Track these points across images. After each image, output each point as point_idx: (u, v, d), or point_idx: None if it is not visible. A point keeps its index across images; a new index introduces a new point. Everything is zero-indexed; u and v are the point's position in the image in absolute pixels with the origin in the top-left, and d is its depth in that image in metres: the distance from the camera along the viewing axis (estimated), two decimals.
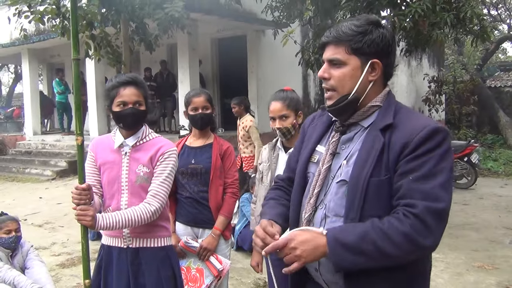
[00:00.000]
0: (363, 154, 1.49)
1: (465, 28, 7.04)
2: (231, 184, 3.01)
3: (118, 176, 2.38)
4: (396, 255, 1.37)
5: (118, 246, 2.43)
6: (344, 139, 1.59)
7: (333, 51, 1.54)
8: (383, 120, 1.51)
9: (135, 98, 2.33)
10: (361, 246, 1.37)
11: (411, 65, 13.19)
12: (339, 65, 1.53)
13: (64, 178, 10.98)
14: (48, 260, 4.70)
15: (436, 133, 1.42)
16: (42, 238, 6.13)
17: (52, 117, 16.20)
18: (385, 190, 1.45)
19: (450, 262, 4.90)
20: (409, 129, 1.45)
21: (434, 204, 1.36)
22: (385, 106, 1.54)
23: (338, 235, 1.41)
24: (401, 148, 1.44)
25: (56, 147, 12.65)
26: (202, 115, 2.94)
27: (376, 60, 1.52)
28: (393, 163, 1.44)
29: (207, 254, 2.94)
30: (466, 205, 7.67)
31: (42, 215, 7.52)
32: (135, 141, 2.40)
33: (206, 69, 12.77)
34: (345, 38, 1.51)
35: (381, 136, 1.48)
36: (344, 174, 1.52)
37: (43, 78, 17.94)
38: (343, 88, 1.53)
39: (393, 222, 1.37)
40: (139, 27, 7.79)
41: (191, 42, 10.68)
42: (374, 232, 1.37)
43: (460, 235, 5.91)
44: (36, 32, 12.70)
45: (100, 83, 11.89)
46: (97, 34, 7.60)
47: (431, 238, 1.37)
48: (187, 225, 3.03)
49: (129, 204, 2.36)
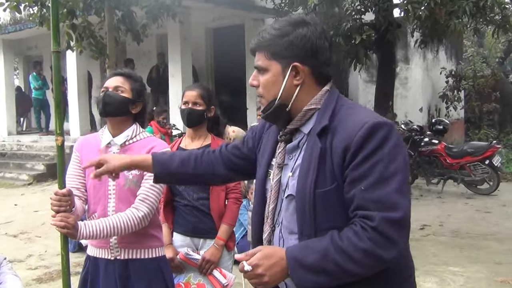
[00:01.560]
0: (305, 164, 1.52)
1: (486, 18, 7.06)
2: (233, 188, 2.99)
3: (105, 179, 2.37)
4: (358, 272, 1.42)
5: (105, 258, 2.42)
6: (289, 148, 1.62)
7: (257, 58, 1.61)
8: (320, 124, 1.53)
9: (116, 84, 2.39)
10: (322, 265, 1.41)
11: (427, 58, 13.17)
12: (263, 72, 1.60)
13: (42, 182, 10.96)
14: (23, 275, 4.68)
15: (376, 129, 1.43)
16: (17, 249, 6.10)
17: (29, 116, 16.20)
18: (335, 199, 1.48)
19: (471, 276, 4.89)
20: (348, 129, 1.46)
21: (391, 214, 1.38)
22: (323, 108, 1.56)
23: (298, 255, 1.45)
24: (343, 151, 1.45)
25: (33, 149, 12.64)
26: (189, 111, 2.92)
27: (297, 63, 1.55)
28: (338, 169, 1.46)
29: (210, 267, 2.92)
30: (488, 213, 7.67)
31: (17, 224, 7.49)
32: (124, 140, 2.40)
33: (199, 62, 12.77)
34: (264, 44, 1.58)
35: (318, 142, 1.50)
36: (291, 187, 1.56)
37: (19, 72, 17.92)
38: (268, 94, 1.60)
39: (352, 238, 1.40)
40: (125, 16, 7.80)
41: (183, 32, 10.69)
42: (334, 250, 1.41)
43: (481, 246, 5.90)
44: (12, 21, 12.70)
45: (82, 78, 11.89)
46: (79, 23, 7.60)
47: (393, 250, 1.40)
48: (186, 236, 3.01)
49: (117, 210, 2.36)
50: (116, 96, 2.37)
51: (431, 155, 9.50)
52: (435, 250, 5.71)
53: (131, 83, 2.42)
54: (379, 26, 7.51)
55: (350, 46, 7.44)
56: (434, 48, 13.19)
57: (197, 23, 11.45)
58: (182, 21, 9.61)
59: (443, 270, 5.05)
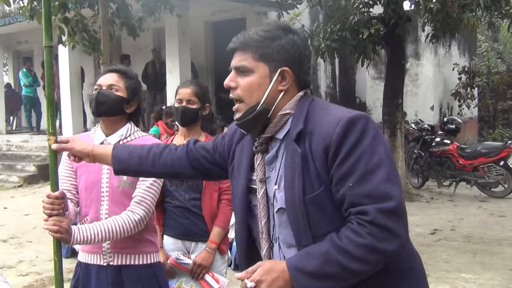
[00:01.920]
0: (288, 173, 1.54)
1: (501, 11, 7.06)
2: (226, 189, 2.99)
3: (98, 181, 2.39)
4: (364, 270, 1.43)
5: (97, 264, 2.42)
6: (268, 159, 1.63)
7: (239, 58, 1.62)
8: (295, 128, 1.55)
9: (110, 82, 2.39)
10: (325, 270, 1.42)
11: (438, 53, 13.16)
12: (246, 73, 1.60)
13: (33, 184, 10.98)
14: (13, 281, 4.70)
15: (352, 124, 1.47)
16: (7, 255, 6.11)
17: (19, 114, 16.23)
18: (325, 202, 1.50)
19: (484, 283, 4.89)
20: (324, 129, 1.50)
21: (384, 205, 1.41)
22: (297, 113, 1.59)
23: (299, 264, 1.46)
24: (324, 152, 1.48)
25: (23, 149, 12.67)
26: (183, 109, 2.94)
27: (286, 68, 1.58)
28: (322, 171, 1.49)
29: (202, 271, 2.93)
30: (502, 217, 7.66)
31: (7, 228, 7.51)
32: (118, 139, 2.41)
33: (199, 58, 12.78)
34: (252, 44, 1.59)
35: (297, 148, 1.53)
36: (279, 200, 1.58)
37: (8, 68, 17.96)
38: (250, 98, 1.59)
39: (350, 236, 1.42)
40: (120, 9, 7.81)
41: (181, 26, 10.70)
42: (335, 252, 1.43)
43: (495, 251, 5.90)
44: (1, 14, 12.73)
45: (75, 74, 11.90)
46: (72, 17, 7.60)
47: (395, 241, 1.42)
48: (177, 239, 3.03)
49: (110, 213, 2.36)
50: (110, 95, 2.37)
51: (443, 156, 9.49)
52: (447, 256, 5.72)
53: (126, 81, 2.42)
54: (388, 20, 7.50)
55: (358, 41, 7.44)
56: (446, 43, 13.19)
57: (196, 16, 11.46)
58: (180, 15, 9.63)
59: (455, 277, 5.05)
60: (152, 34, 13.06)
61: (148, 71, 12.05)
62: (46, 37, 2.13)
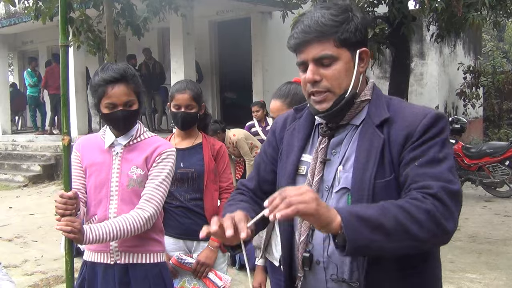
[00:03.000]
0: (362, 155, 1.53)
1: (506, 10, 7.04)
2: (226, 188, 3.04)
3: (107, 180, 2.40)
4: (419, 235, 1.38)
5: (104, 263, 2.43)
6: (334, 142, 1.62)
7: (319, 48, 1.54)
8: (378, 115, 1.57)
9: (125, 98, 2.33)
10: (381, 220, 1.36)
11: (443, 53, 13.13)
12: (331, 62, 1.55)
13: (38, 184, 11.02)
14: (19, 280, 4.72)
15: (439, 119, 1.53)
16: (12, 254, 6.14)
17: (24, 114, 16.29)
18: (393, 190, 1.51)
19: (489, 283, 4.88)
20: (409, 119, 1.53)
21: (449, 185, 1.44)
22: (374, 99, 1.62)
23: (353, 209, 1.40)
24: (404, 140, 1.51)
25: (28, 149, 12.72)
26: (184, 115, 2.96)
27: (364, 49, 1.60)
28: (396, 159, 1.52)
29: (206, 270, 2.95)
30: (508, 217, 7.64)
31: (12, 228, 7.54)
32: (127, 140, 2.41)
33: (203, 57, 12.79)
34: (330, 30, 1.54)
35: (379, 133, 1.55)
36: (343, 181, 1.56)
37: (14, 68, 18.03)
38: (340, 86, 1.56)
39: (413, 201, 1.41)
40: (125, 9, 7.82)
41: (186, 26, 10.71)
42: (394, 208, 1.39)
43: (501, 251, 5.89)
44: (5, 15, 12.78)
45: (79, 74, 11.96)
46: (77, 17, 7.63)
47: (451, 220, 1.43)
48: (179, 239, 3.04)
49: (119, 212, 2.37)
50: (129, 115, 2.36)
51: None
52: (452, 256, 5.70)
53: (134, 87, 2.36)
54: (393, 19, 7.49)
55: None
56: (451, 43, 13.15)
57: (200, 16, 11.47)
58: (185, 15, 9.63)
59: (460, 277, 5.04)
60: (156, 34, 13.08)
61: (142, 71, 11.95)
62: (62, 36, 2.13)
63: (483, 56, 14.80)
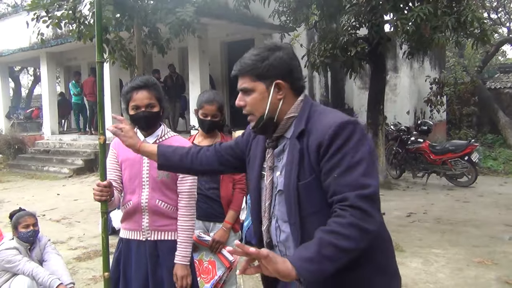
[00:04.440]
0: (288, 163, 1.60)
1: (466, 32, 6.99)
2: (239, 180, 3.06)
3: (139, 172, 2.41)
4: (351, 247, 1.41)
5: (136, 239, 2.44)
6: (276, 152, 1.67)
7: (241, 82, 1.64)
8: (298, 128, 1.60)
9: (147, 101, 2.34)
10: (322, 252, 1.39)
11: (413, 67, 13.08)
12: (249, 92, 1.63)
13: (81, 175, 11.06)
14: (65, 254, 4.73)
15: (343, 127, 1.50)
16: (59, 232, 6.17)
17: (69, 118, 16.32)
18: (314, 188, 1.54)
19: (451, 257, 4.87)
20: (320, 130, 1.53)
21: (362, 191, 1.43)
22: (300, 115, 1.62)
23: (302, 254, 1.41)
24: (317, 148, 1.52)
25: (72, 146, 12.74)
26: (210, 122, 2.97)
27: (279, 81, 1.60)
28: (315, 163, 1.53)
29: (220, 246, 2.98)
30: (466, 203, 7.62)
31: (59, 211, 7.57)
32: (154, 139, 2.42)
33: (215, 71, 12.81)
34: (247, 68, 1.61)
35: (298, 143, 1.57)
36: (279, 184, 1.63)
37: (61, 80, 18.05)
38: (257, 111, 1.63)
39: (336, 220, 1.42)
40: (151, 31, 7.83)
41: (202, 45, 10.72)
42: (327, 236, 1.41)
43: (461, 231, 5.87)
44: (54, 36, 12.80)
45: (114, 86, 11.96)
46: (112, 38, 7.64)
47: (371, 221, 1.43)
48: (199, 220, 3.05)
49: (150, 198, 2.39)
50: (150, 115, 2.35)
51: (417, 152, 9.46)
52: (420, 235, 5.69)
53: (155, 93, 2.36)
54: (372, 40, 7.48)
55: (346, 58, 7.41)
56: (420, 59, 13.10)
57: (213, 37, 11.47)
58: (201, 36, 9.63)
59: (427, 252, 5.03)
60: (177, 52, 13.08)
61: (167, 83, 12.00)
62: (98, 54, 2.13)
63: (446, 70, 14.73)
